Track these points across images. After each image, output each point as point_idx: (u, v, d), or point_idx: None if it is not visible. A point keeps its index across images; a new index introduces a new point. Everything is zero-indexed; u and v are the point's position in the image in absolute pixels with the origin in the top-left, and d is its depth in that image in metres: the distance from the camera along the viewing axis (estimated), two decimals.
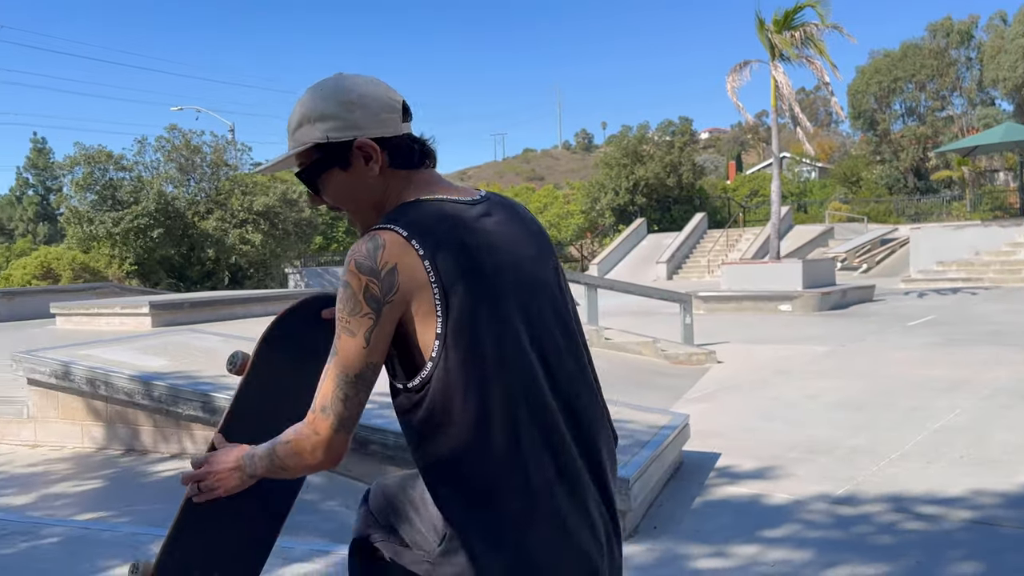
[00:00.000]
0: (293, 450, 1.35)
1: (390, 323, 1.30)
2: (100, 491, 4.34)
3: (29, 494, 4.29)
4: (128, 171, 22.29)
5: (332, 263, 29.58)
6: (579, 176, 59.37)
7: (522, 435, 1.31)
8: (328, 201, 1.44)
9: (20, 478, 4.65)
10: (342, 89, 1.40)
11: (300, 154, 1.42)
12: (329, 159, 1.39)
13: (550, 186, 47.84)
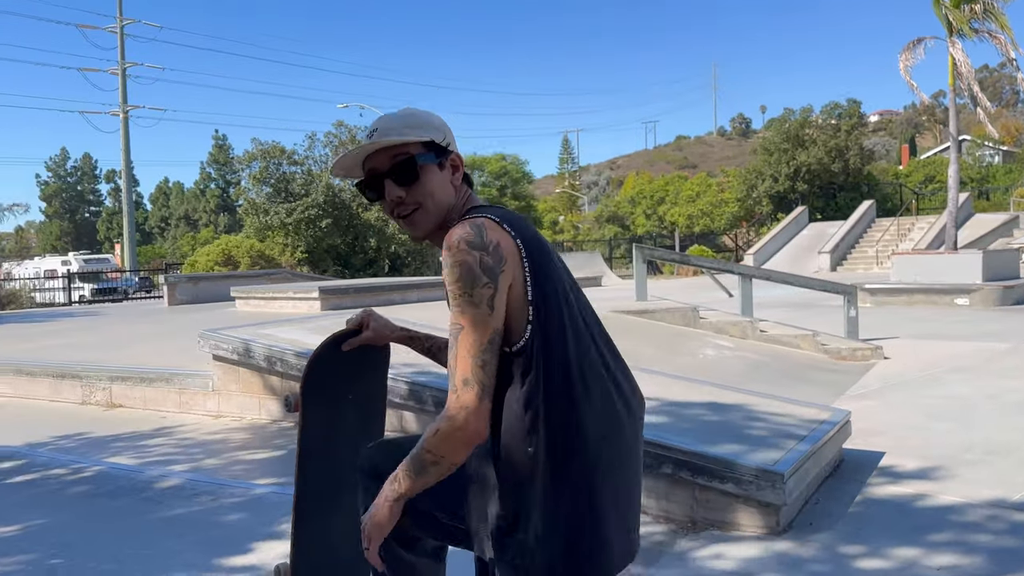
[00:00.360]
0: (445, 434, 1.44)
1: (504, 291, 1.47)
2: (274, 459, 4.71)
3: (213, 459, 4.72)
4: (299, 165, 23.80)
5: None
6: (735, 163, 57.47)
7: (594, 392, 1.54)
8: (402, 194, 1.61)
9: (206, 444, 5.13)
10: (434, 116, 1.68)
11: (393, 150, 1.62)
12: (437, 154, 1.63)
13: (703, 174, 46.59)
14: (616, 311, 8.60)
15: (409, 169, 1.62)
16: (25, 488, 3.65)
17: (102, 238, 69.91)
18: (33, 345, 8.69)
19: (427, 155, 1.63)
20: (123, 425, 5.76)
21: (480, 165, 38.21)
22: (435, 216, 1.63)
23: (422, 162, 1.62)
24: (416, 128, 1.63)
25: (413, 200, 1.62)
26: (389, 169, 1.63)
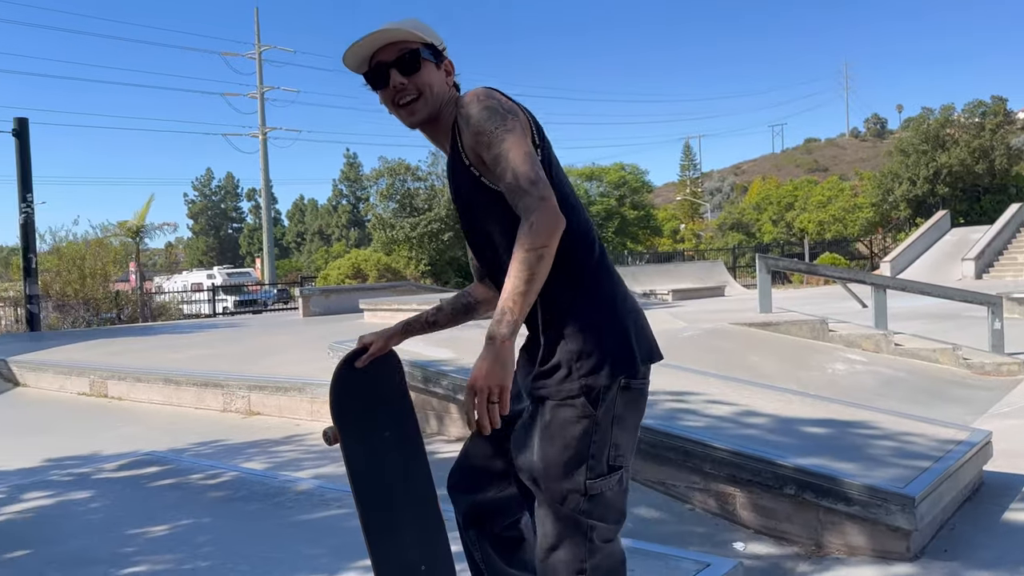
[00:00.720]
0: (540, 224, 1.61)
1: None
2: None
3: (339, 466, 4.95)
4: (423, 181, 24.56)
5: None
6: (869, 166, 54.67)
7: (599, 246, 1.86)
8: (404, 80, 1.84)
9: (333, 452, 5.37)
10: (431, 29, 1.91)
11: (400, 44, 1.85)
12: (435, 56, 1.88)
13: (835, 177, 44.58)
14: (738, 323, 8.38)
15: (413, 60, 1.84)
16: (171, 491, 3.96)
17: (244, 252, 74.39)
18: (181, 355, 9.36)
19: (428, 52, 1.87)
20: (258, 432, 6.12)
21: (599, 175, 38.11)
22: (431, 106, 1.87)
23: (424, 56, 1.86)
24: (419, 31, 1.86)
25: (414, 87, 1.84)
26: (395, 59, 1.85)
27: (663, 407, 4.75)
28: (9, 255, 26.35)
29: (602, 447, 1.75)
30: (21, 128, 14.19)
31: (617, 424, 1.76)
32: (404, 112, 1.88)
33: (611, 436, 1.76)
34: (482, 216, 1.84)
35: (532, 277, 1.59)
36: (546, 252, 1.60)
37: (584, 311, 1.77)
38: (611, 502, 1.77)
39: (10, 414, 7.43)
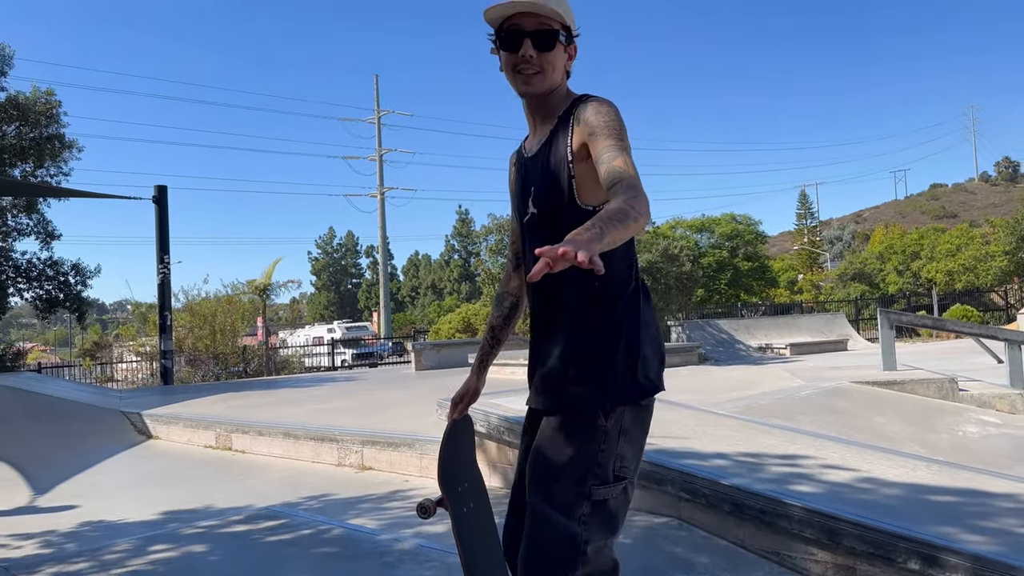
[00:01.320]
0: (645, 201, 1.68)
1: None
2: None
3: (443, 525, 4.98)
4: None
5: (713, 315, 29.41)
6: (1001, 212, 51.42)
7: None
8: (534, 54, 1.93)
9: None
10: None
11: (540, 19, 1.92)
12: (568, 38, 1.98)
13: (964, 224, 42.13)
14: (860, 382, 7.99)
15: (551, 39, 1.95)
16: (286, 547, 4.10)
17: (362, 307, 77.12)
18: (300, 409, 9.73)
19: (564, 35, 1.97)
20: (369, 487, 6.26)
21: (709, 227, 37.48)
22: (548, 84, 1.98)
23: (560, 39, 1.96)
24: (565, 11, 1.96)
25: (539, 64, 1.95)
26: (532, 31, 1.93)
27: (776, 471, 4.58)
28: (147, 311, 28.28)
29: (609, 457, 1.87)
30: (160, 195, 15.36)
31: (624, 437, 1.89)
32: (521, 79, 1.97)
33: (617, 447, 1.89)
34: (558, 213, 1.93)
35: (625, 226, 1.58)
36: (639, 223, 1.63)
37: (614, 331, 1.90)
38: (612, 511, 1.90)
39: (142, 466, 7.90)
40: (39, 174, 15.85)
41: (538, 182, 1.99)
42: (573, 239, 1.46)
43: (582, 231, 1.52)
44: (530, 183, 2.03)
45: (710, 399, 7.82)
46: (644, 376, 1.93)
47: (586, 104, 1.91)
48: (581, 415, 1.87)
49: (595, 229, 1.54)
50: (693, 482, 4.44)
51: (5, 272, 16.00)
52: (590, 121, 1.86)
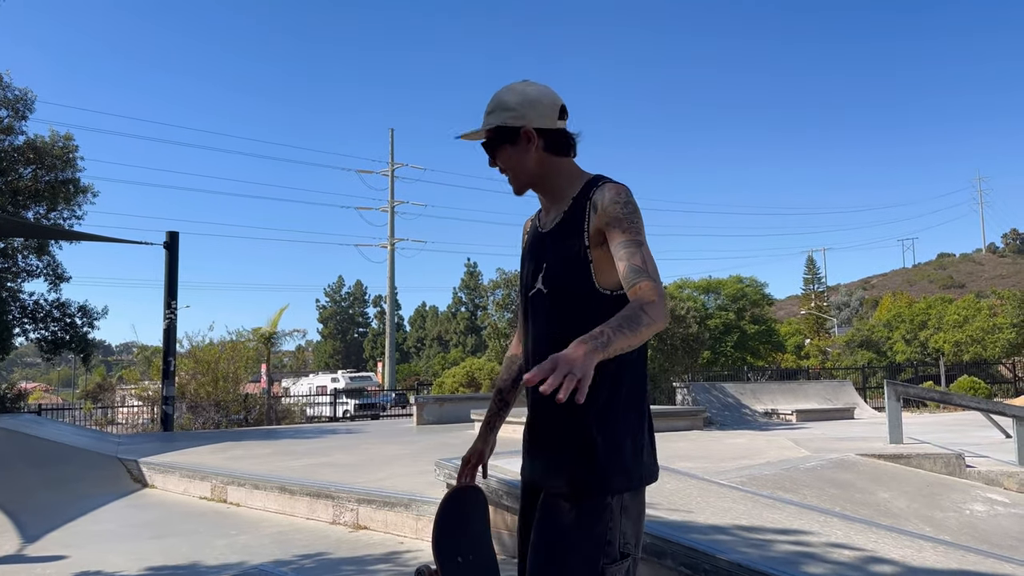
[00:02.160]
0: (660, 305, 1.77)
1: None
2: None
3: None
4: None
5: (719, 378, 29.21)
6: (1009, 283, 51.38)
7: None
8: (502, 166, 2.06)
9: None
10: (519, 91, 2.04)
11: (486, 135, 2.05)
12: (511, 137, 2.03)
13: (971, 296, 42.03)
14: (866, 455, 7.87)
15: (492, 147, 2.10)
16: None
17: (367, 356, 76.89)
18: (297, 463, 9.63)
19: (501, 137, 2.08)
20: (363, 548, 6.14)
21: (715, 288, 37.48)
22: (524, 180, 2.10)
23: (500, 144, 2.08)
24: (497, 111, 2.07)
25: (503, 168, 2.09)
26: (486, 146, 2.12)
27: (781, 549, 4.48)
28: (151, 355, 28.35)
29: (615, 534, 1.92)
30: (172, 241, 15.50)
31: (624, 514, 1.94)
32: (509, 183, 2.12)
33: (621, 524, 1.93)
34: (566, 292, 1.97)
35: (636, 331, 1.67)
36: (653, 327, 1.71)
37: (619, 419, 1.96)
38: None
39: (135, 516, 7.79)
40: (52, 216, 16.04)
41: (552, 261, 2.01)
42: (571, 356, 1.52)
43: (587, 339, 1.57)
44: (543, 259, 2.04)
45: (714, 467, 7.70)
46: (650, 459, 2.03)
47: (602, 189, 1.95)
48: (589, 496, 1.91)
49: (601, 338, 1.59)
50: (694, 557, 4.34)
51: (11, 313, 16.07)
52: (608, 211, 1.92)
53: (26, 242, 16.12)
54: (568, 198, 2.01)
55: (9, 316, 15.78)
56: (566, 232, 1.97)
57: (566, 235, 1.97)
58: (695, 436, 11.65)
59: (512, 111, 2.02)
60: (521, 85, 2.06)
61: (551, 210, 2.07)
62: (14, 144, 15.70)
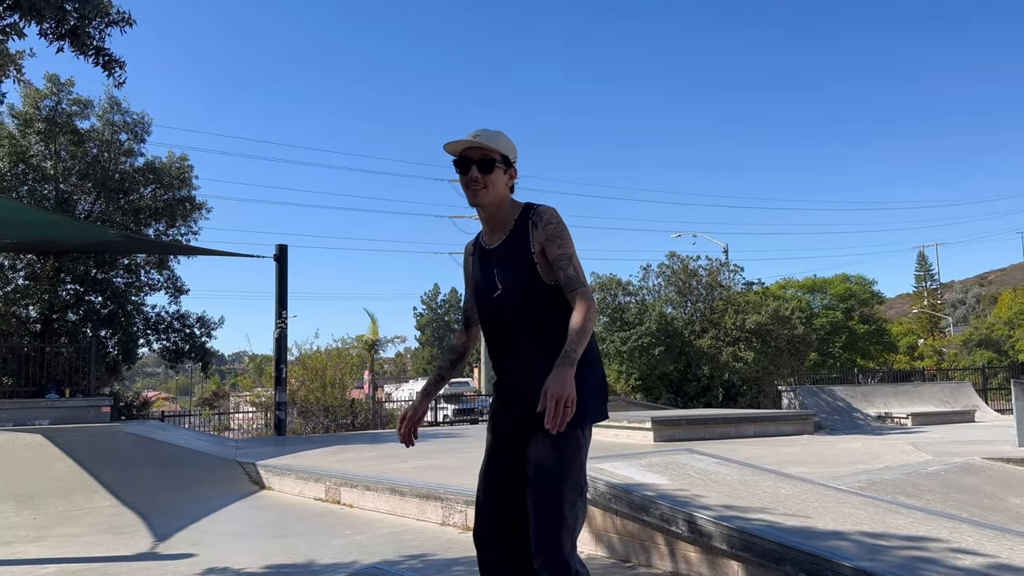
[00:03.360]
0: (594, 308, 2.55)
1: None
2: None
3: None
4: (633, 295, 24.66)
5: (827, 380, 28.15)
6: None
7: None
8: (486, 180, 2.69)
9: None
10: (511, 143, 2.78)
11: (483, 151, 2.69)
12: (505, 164, 2.74)
13: None
14: (993, 458, 7.45)
15: (489, 164, 2.70)
16: None
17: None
18: (406, 465, 9.85)
19: (501, 161, 2.72)
20: (472, 549, 6.22)
21: (821, 287, 36.20)
22: (492, 198, 2.72)
23: (497, 164, 2.71)
24: (499, 145, 2.71)
25: (484, 182, 2.69)
26: (478, 159, 2.69)
27: (907, 555, 4.29)
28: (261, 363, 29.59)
29: (584, 464, 2.70)
30: (281, 254, 16.14)
31: (586, 445, 2.72)
32: (470, 194, 2.72)
33: (585, 455, 2.72)
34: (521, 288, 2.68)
35: (586, 338, 2.50)
36: (594, 324, 2.52)
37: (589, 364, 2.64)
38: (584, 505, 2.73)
39: (256, 516, 8.14)
40: (171, 233, 16.97)
41: (505, 269, 2.72)
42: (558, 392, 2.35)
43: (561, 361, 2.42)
44: (494, 268, 2.75)
45: (828, 472, 7.44)
46: (602, 407, 2.76)
47: (539, 213, 2.70)
48: (570, 430, 2.53)
49: (571, 356, 2.43)
50: (815, 563, 4.20)
51: (136, 325, 17.08)
52: (547, 230, 2.67)
53: (148, 258, 17.15)
54: (510, 221, 2.75)
55: (134, 328, 16.82)
56: (515, 245, 2.71)
57: (515, 247, 2.71)
58: (805, 441, 11.28)
59: (511, 151, 2.77)
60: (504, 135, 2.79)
61: (495, 232, 2.79)
62: (135, 166, 16.74)
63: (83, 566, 6.09)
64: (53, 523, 7.88)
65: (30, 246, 14.89)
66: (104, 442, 10.91)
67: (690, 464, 6.53)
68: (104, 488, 9.24)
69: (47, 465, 9.74)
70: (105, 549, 6.71)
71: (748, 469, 6.46)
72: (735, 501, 5.47)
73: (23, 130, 15.68)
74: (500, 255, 2.74)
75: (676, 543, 5.25)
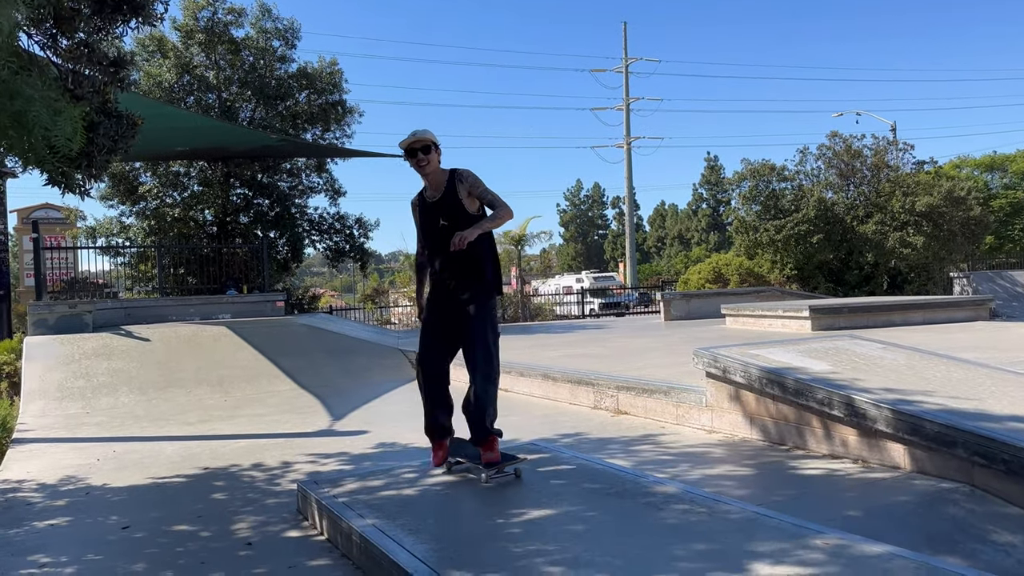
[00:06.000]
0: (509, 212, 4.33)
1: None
2: (758, 478, 4.75)
3: (701, 471, 4.95)
4: (789, 181, 23.41)
5: (1005, 266, 25.95)
6: None
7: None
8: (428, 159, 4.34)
9: (694, 456, 5.39)
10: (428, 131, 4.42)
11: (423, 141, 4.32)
12: (437, 148, 4.39)
13: None
14: None
15: (428, 149, 4.32)
16: (552, 478, 4.31)
17: (607, 258, 77.74)
18: (555, 354, 10.11)
19: (433, 147, 4.35)
20: (624, 430, 6.38)
21: (1001, 164, 32.92)
22: (432, 168, 4.35)
23: (433, 148, 4.34)
24: (431, 137, 4.34)
25: (428, 160, 4.32)
26: (421, 147, 4.30)
27: None
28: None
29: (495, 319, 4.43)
30: None
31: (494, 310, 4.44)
32: (420, 172, 4.38)
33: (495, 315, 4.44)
34: (457, 221, 4.28)
35: (495, 224, 4.33)
36: (505, 218, 4.32)
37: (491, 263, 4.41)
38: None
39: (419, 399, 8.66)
40: (327, 137, 17.65)
41: (445, 212, 4.34)
42: (465, 233, 4.14)
43: (472, 229, 4.18)
44: (439, 213, 4.36)
45: (1004, 357, 6.97)
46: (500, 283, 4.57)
47: (461, 175, 4.35)
48: (491, 297, 4.38)
49: (478, 224, 4.23)
50: (990, 446, 4.00)
51: (301, 226, 18.13)
52: (467, 183, 4.34)
53: (307, 161, 17.99)
54: (443, 182, 4.37)
55: (299, 229, 17.87)
56: (451, 199, 4.33)
57: (451, 200, 4.33)
58: (979, 327, 10.56)
59: (436, 138, 4.39)
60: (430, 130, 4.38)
61: (435, 189, 4.38)
62: (288, 72, 17.35)
63: (271, 441, 6.76)
64: (242, 404, 8.75)
65: (202, 153, 15.97)
66: (281, 332, 11.87)
67: (852, 349, 6.29)
68: (284, 373, 10.11)
69: (232, 354, 10.74)
70: (289, 427, 7.40)
71: (916, 354, 6.15)
72: (901, 385, 5.25)
73: (185, 42, 16.57)
74: (443, 205, 4.34)
75: (834, 426, 5.14)
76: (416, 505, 3.99)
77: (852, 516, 3.85)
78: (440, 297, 4.39)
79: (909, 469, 4.61)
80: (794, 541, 3.10)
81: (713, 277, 24.50)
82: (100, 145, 4.41)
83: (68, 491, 5.30)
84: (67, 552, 4.01)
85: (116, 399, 9.01)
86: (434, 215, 4.33)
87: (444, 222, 4.28)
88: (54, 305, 11.87)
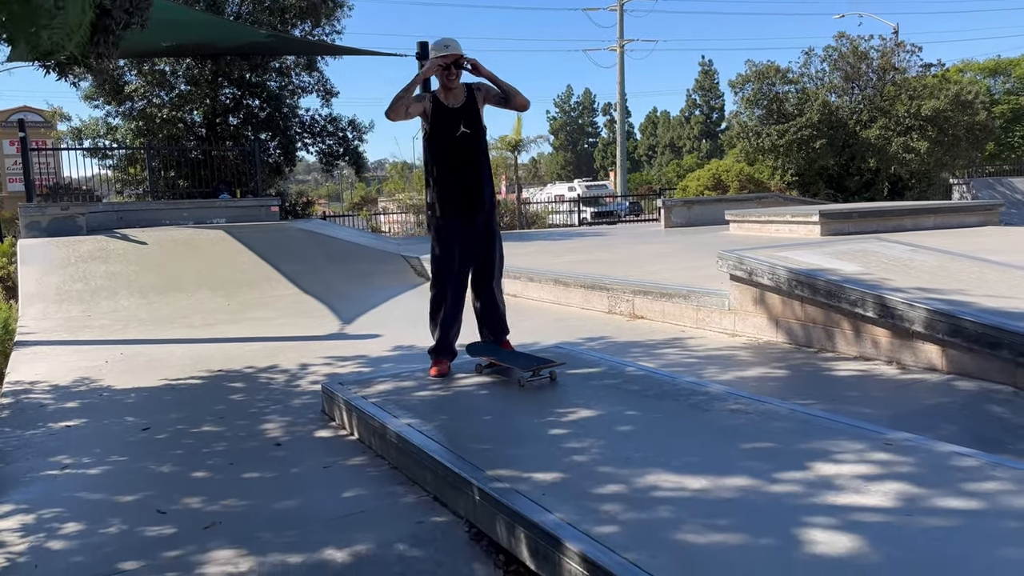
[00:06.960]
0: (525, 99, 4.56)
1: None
2: (792, 380, 4.67)
3: (732, 373, 4.87)
4: (794, 84, 22.82)
5: (1003, 173, 25.73)
6: None
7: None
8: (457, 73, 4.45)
9: (721, 359, 5.30)
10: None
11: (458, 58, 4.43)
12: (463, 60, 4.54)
13: None
14: None
15: (460, 64, 4.41)
16: (585, 379, 4.19)
17: (598, 167, 76.84)
18: (561, 260, 9.94)
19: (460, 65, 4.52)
20: (643, 334, 6.27)
21: (1005, 68, 32.25)
22: (459, 81, 4.46)
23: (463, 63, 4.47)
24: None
25: (458, 74, 4.43)
26: (454, 61, 4.38)
27: None
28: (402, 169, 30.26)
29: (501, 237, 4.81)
30: (423, 52, 15.78)
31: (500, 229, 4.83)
32: (449, 83, 4.41)
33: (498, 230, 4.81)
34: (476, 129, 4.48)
35: (514, 91, 4.49)
36: (521, 98, 4.52)
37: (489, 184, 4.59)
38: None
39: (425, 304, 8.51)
40: (316, 33, 16.89)
41: (467, 120, 4.44)
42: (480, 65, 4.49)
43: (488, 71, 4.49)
44: (459, 119, 4.43)
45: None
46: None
47: (478, 87, 4.49)
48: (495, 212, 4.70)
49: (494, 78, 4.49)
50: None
51: (292, 128, 17.57)
52: (484, 90, 4.50)
53: (297, 60, 17.27)
54: (462, 92, 4.47)
55: (291, 131, 17.31)
56: (472, 108, 4.47)
57: (472, 109, 4.46)
58: (991, 232, 10.44)
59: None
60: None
61: (454, 97, 4.45)
62: None
63: (284, 343, 6.62)
64: (246, 308, 8.57)
65: (188, 49, 15.25)
66: (279, 237, 11.60)
67: (881, 251, 6.14)
68: (285, 278, 9.91)
69: (231, 258, 10.50)
70: (299, 330, 7.25)
71: (946, 256, 6.02)
72: (936, 285, 5.12)
73: None
74: (463, 113, 4.45)
75: (865, 327, 5.03)
76: (451, 406, 3.87)
77: (897, 415, 3.76)
78: (458, 217, 4.49)
79: (946, 370, 4.53)
80: (857, 441, 3.00)
81: (712, 184, 24.21)
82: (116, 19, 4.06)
83: (81, 392, 5.17)
84: (88, 453, 3.89)
85: (116, 303, 8.81)
86: (455, 121, 4.43)
87: (466, 129, 4.43)
88: (46, 207, 11.53)
